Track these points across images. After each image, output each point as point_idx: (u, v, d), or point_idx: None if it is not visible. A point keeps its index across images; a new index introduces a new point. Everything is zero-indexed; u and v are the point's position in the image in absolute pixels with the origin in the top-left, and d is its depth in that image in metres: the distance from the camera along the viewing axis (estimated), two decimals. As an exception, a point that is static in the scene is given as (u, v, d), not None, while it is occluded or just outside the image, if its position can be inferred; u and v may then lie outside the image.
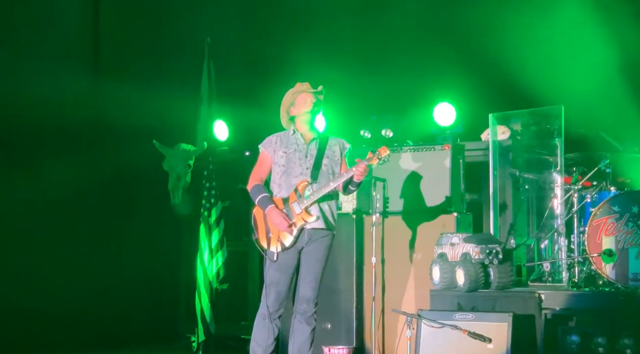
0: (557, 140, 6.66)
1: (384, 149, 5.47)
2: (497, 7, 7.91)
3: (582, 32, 7.51)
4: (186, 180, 8.13)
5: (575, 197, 6.71)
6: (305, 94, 5.67)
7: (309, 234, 5.57)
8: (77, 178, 7.91)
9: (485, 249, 6.33)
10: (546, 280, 6.66)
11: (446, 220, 6.93)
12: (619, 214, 6.37)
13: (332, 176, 5.60)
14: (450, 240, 6.56)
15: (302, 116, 5.66)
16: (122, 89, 8.05)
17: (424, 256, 6.92)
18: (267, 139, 5.73)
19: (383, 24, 8.55)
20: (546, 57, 7.76)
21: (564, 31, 7.67)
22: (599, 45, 7.43)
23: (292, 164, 5.60)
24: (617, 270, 6.30)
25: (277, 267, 5.57)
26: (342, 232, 7.01)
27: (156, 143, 8.06)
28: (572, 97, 6.98)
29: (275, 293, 5.58)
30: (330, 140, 5.72)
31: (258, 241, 5.63)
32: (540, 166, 6.88)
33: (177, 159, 8.09)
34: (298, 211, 5.51)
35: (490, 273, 6.36)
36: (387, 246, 7.04)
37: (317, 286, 5.62)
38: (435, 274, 6.56)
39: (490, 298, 6.28)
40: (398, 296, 7.01)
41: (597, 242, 6.39)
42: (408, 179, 7.12)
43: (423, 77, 8.20)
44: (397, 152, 7.16)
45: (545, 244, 6.85)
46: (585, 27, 7.48)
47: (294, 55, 8.44)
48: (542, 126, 6.84)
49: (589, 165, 6.77)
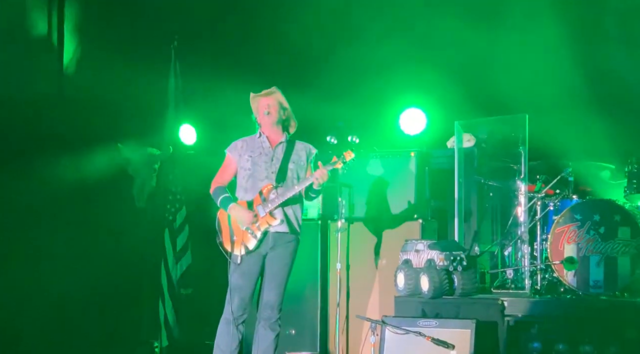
0: (522, 148, 6.72)
1: (349, 153, 5.49)
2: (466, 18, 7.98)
3: (548, 44, 7.60)
4: (151, 184, 8.08)
5: (539, 205, 6.78)
6: (261, 97, 5.68)
7: (273, 239, 5.56)
8: (40, 182, 7.80)
9: (449, 256, 6.36)
10: (509, 287, 6.72)
11: (411, 226, 6.96)
12: (580, 222, 6.45)
13: (298, 180, 5.60)
14: (415, 246, 6.59)
15: (262, 121, 5.66)
16: (87, 90, 7.96)
17: (389, 263, 6.94)
18: (233, 143, 5.73)
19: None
20: (512, 66, 7.83)
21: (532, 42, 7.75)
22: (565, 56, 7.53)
23: (258, 168, 5.59)
24: (579, 277, 6.38)
25: (241, 272, 5.55)
26: (307, 237, 6.99)
27: (121, 147, 8.00)
28: (537, 106, 7.06)
29: (239, 298, 5.56)
30: (297, 144, 5.72)
31: (222, 244, 5.61)
32: (504, 174, 6.94)
33: (142, 163, 8.03)
34: (262, 214, 5.51)
35: (455, 279, 6.39)
36: (352, 252, 7.04)
37: (281, 292, 5.61)
38: (400, 281, 6.58)
39: (454, 305, 6.32)
40: (363, 302, 7.01)
41: (559, 249, 6.47)
42: (374, 185, 7.14)
43: (390, 84, 8.23)
44: (364, 158, 7.17)
45: (509, 252, 6.91)
46: (551, 38, 7.57)
47: (264, 57, 8.43)
48: (507, 134, 6.90)
49: (552, 173, 6.84)
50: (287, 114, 5.74)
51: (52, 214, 7.96)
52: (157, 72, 8.15)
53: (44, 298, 7.85)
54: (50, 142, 8.01)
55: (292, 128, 5.79)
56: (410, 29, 8.17)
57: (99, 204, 8.17)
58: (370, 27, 8.36)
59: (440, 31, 7.94)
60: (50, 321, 7.93)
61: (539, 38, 7.70)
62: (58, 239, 8.10)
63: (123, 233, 8.28)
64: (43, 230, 7.91)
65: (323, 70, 8.43)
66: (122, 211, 8.16)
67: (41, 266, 7.87)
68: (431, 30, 8.01)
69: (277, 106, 5.68)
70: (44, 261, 7.93)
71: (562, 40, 7.51)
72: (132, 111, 8.02)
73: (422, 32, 8.06)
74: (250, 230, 5.51)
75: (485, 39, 7.79)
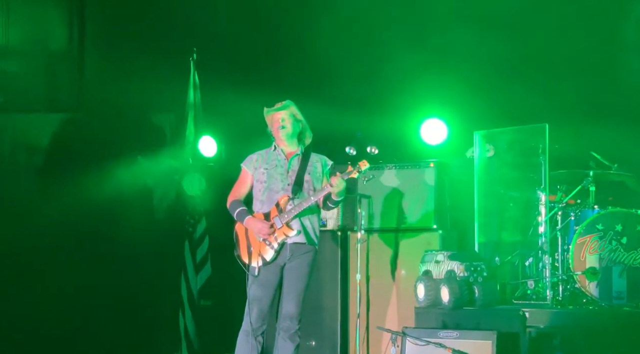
0: (542, 158, 6.68)
1: (363, 163, 5.49)
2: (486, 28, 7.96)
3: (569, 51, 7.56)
4: (171, 196, 8.12)
5: (560, 215, 6.73)
6: (274, 112, 5.70)
7: (290, 250, 5.56)
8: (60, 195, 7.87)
9: (469, 266, 6.33)
10: (530, 298, 6.66)
11: (431, 237, 6.94)
12: (602, 232, 6.39)
13: (314, 191, 5.61)
14: (435, 257, 6.56)
15: (277, 134, 5.69)
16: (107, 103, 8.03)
17: (409, 273, 6.92)
18: (249, 157, 5.77)
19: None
20: (532, 75, 7.80)
21: (551, 50, 7.72)
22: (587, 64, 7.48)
23: (274, 180, 5.61)
24: (601, 288, 6.32)
25: (259, 283, 5.56)
26: (327, 249, 7.00)
27: (141, 159, 8.05)
28: (560, 115, 7.01)
29: (257, 309, 5.56)
30: (312, 156, 5.73)
31: (240, 256, 5.63)
32: (525, 184, 6.90)
33: (162, 175, 8.07)
34: (279, 225, 5.52)
35: (475, 290, 6.35)
36: (372, 263, 7.03)
37: (300, 303, 5.60)
38: (420, 292, 6.55)
39: (475, 316, 6.27)
40: (382, 313, 6.99)
41: (581, 260, 6.40)
42: (393, 196, 7.13)
43: (410, 94, 8.22)
44: (383, 169, 7.17)
45: (530, 262, 6.85)
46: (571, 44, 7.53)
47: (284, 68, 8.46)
48: (527, 143, 6.86)
49: (573, 183, 6.79)
50: (302, 126, 5.77)
51: (73, 226, 8.02)
52: (177, 85, 8.20)
53: (65, 310, 7.91)
54: (71, 154, 8.09)
55: (307, 140, 5.80)
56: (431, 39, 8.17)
57: (118, 216, 8.23)
58: (391, 38, 8.36)
59: (461, 41, 7.94)
60: (71, 333, 7.98)
61: (559, 47, 7.67)
62: (79, 251, 8.16)
63: (143, 245, 8.32)
64: (64, 242, 7.98)
65: (343, 81, 8.44)
66: (141, 222, 8.20)
67: (62, 278, 7.93)
68: (451, 40, 8.00)
69: (291, 118, 5.70)
70: (65, 273, 7.99)
71: (583, 49, 7.47)
72: (152, 123, 8.07)
73: (442, 43, 8.05)
74: (267, 241, 5.52)
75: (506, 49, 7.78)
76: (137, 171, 8.10)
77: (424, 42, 8.09)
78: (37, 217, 7.84)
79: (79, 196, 7.95)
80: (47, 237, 7.86)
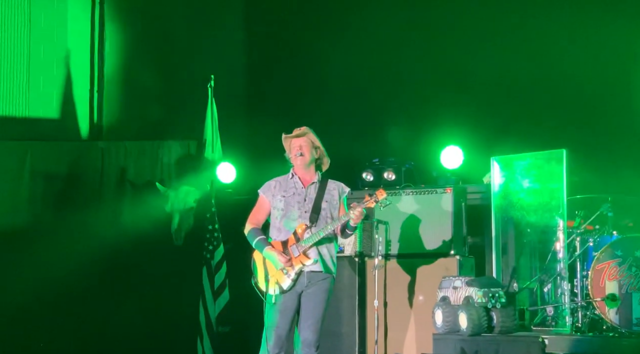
0: (559, 183, 6.66)
1: (380, 192, 5.49)
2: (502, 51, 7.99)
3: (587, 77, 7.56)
4: (189, 222, 8.15)
5: (578, 241, 6.70)
6: (292, 139, 5.72)
7: (308, 277, 5.56)
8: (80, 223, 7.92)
9: (488, 292, 6.30)
10: (549, 324, 6.61)
11: (448, 263, 6.92)
12: (621, 258, 6.35)
13: (331, 219, 5.61)
14: (453, 283, 6.54)
15: (295, 161, 5.70)
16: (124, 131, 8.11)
17: (426, 300, 6.89)
18: (266, 183, 5.77)
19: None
20: (551, 100, 7.81)
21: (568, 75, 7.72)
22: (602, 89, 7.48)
23: (291, 208, 5.62)
24: (621, 315, 6.27)
25: (277, 310, 5.55)
26: (344, 275, 6.99)
27: (159, 185, 8.10)
28: (575, 141, 7.00)
29: (275, 336, 5.55)
30: (329, 184, 5.73)
31: (257, 284, 5.63)
32: (542, 210, 6.87)
33: (179, 201, 8.11)
34: (296, 254, 5.52)
35: (493, 316, 6.32)
36: (389, 289, 7.02)
37: (317, 330, 5.58)
38: (438, 318, 6.52)
39: (494, 342, 6.24)
40: (400, 340, 6.97)
41: (600, 286, 6.36)
42: (410, 222, 7.12)
43: (426, 120, 8.24)
44: (399, 195, 7.17)
45: (549, 288, 6.81)
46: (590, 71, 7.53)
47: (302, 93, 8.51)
48: (544, 169, 6.85)
49: (591, 209, 6.76)
50: (320, 153, 5.76)
51: (91, 254, 8.07)
52: (194, 111, 8.26)
53: (83, 337, 7.93)
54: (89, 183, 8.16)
55: (325, 166, 5.81)
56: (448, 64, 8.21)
57: (137, 243, 8.27)
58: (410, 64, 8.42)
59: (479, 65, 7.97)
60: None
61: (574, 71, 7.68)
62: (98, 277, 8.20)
63: (161, 271, 8.35)
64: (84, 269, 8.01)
65: (358, 108, 8.49)
66: (160, 249, 8.24)
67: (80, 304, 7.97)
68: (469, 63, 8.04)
69: (309, 146, 5.70)
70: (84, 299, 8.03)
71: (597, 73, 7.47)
72: (170, 149, 8.13)
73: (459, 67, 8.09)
74: (284, 270, 5.52)
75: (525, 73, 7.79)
76: (155, 198, 8.14)
77: (443, 68, 8.14)
78: (55, 245, 7.89)
79: (96, 223, 8.01)
80: (66, 265, 7.90)
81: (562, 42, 7.77)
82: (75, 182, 8.18)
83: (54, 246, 7.86)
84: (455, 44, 8.22)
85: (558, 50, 7.78)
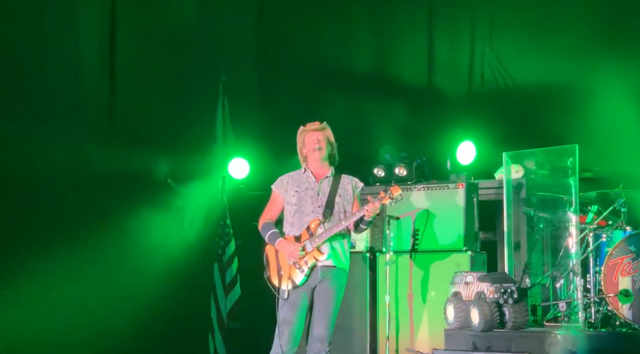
0: (572, 179, 6.64)
1: (395, 189, 5.49)
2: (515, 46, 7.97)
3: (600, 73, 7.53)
4: (200, 218, 8.16)
5: (591, 237, 6.67)
6: (311, 132, 5.73)
7: (321, 272, 5.56)
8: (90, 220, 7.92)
9: (500, 288, 6.28)
10: (562, 320, 6.59)
11: (460, 259, 6.90)
12: (635, 253, 6.33)
13: (344, 214, 5.61)
14: (465, 279, 6.52)
15: (311, 155, 5.70)
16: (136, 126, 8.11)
17: (438, 295, 6.88)
18: (279, 179, 5.78)
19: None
20: (562, 96, 7.78)
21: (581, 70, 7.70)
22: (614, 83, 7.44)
23: (304, 203, 5.62)
24: (634, 311, 6.25)
25: (290, 306, 5.56)
26: (356, 270, 6.98)
27: (170, 181, 8.11)
28: (588, 136, 6.97)
29: (288, 332, 5.56)
30: (342, 178, 5.74)
31: (270, 279, 5.64)
32: (554, 205, 6.85)
33: (191, 197, 8.12)
34: (310, 248, 5.52)
35: (505, 312, 6.30)
36: (401, 285, 7.01)
37: (330, 325, 5.59)
38: (450, 313, 6.51)
39: (506, 338, 6.22)
40: (412, 335, 6.96)
41: (613, 282, 6.34)
42: (422, 218, 7.11)
43: (438, 116, 8.23)
44: (411, 190, 7.16)
45: (561, 284, 6.79)
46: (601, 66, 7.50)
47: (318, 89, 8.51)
48: (557, 164, 6.82)
49: (604, 204, 6.73)
50: (334, 150, 5.79)
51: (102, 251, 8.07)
52: (206, 107, 8.27)
53: (95, 333, 7.93)
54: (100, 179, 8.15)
55: (335, 163, 5.83)
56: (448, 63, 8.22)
57: (150, 239, 8.28)
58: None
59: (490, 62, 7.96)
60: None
61: (588, 67, 7.65)
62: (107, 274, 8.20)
63: (173, 267, 8.36)
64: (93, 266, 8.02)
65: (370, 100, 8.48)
66: (172, 245, 8.25)
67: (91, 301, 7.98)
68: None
69: (326, 141, 5.74)
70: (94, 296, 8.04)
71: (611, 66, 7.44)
72: (182, 146, 8.13)
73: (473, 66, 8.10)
74: (297, 265, 5.53)
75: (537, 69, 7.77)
76: (166, 194, 8.15)
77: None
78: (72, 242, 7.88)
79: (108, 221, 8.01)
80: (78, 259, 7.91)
81: (574, 37, 7.76)
82: (88, 182, 8.17)
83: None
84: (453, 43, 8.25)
85: (571, 45, 7.76)
